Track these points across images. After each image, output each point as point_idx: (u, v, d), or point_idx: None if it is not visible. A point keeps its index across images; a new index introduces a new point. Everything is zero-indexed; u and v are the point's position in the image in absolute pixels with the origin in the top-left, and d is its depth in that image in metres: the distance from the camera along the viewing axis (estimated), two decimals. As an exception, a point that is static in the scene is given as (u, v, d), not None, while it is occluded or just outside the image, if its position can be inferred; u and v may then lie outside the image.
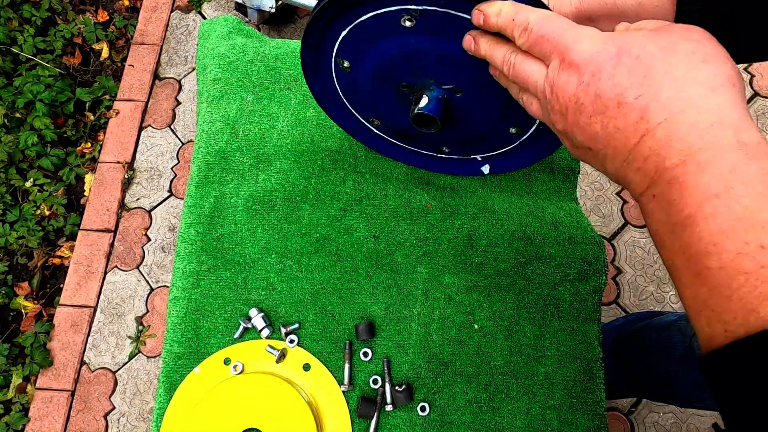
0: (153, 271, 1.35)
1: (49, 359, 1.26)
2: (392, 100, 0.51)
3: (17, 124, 1.45)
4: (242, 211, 0.65)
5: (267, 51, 0.74)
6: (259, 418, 0.55)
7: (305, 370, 0.59)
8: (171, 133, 1.48)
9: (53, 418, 1.22)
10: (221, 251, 0.64)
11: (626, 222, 1.36)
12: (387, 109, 0.53)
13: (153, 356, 1.28)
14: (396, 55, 0.45)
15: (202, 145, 0.69)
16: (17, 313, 1.33)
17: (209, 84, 0.73)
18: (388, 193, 0.65)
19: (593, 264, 0.64)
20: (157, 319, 1.32)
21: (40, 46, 1.51)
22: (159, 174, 1.44)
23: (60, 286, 1.34)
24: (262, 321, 0.60)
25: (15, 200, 1.41)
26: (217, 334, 0.61)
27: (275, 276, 0.63)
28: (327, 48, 0.48)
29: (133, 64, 1.54)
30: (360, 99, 0.54)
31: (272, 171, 0.67)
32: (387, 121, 0.56)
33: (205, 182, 0.67)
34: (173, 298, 0.63)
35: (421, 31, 0.42)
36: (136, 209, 1.41)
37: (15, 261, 1.35)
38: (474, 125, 0.51)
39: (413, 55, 0.44)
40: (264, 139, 0.69)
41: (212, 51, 0.74)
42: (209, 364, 0.59)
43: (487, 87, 0.44)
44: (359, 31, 0.45)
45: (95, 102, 1.50)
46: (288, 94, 0.72)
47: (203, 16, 1.61)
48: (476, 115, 0.49)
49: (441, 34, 0.41)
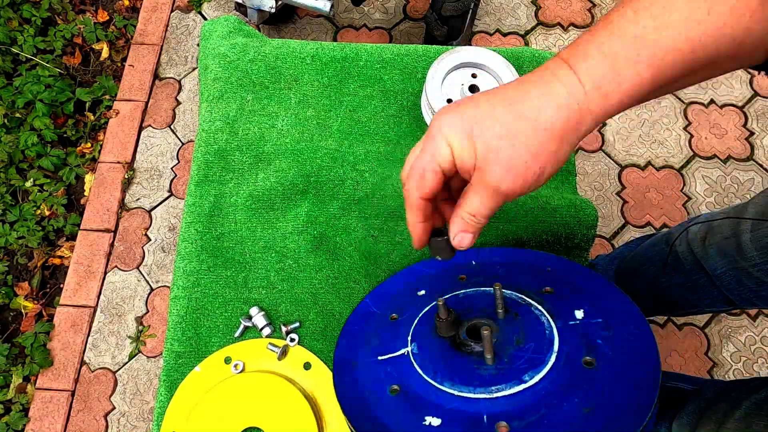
0: (153, 271, 1.35)
1: (49, 359, 1.26)
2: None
3: (17, 124, 1.45)
4: (242, 210, 0.65)
5: (267, 50, 0.74)
6: (259, 417, 0.55)
7: (306, 369, 0.59)
8: (171, 133, 1.48)
9: (53, 418, 1.22)
10: (221, 250, 0.64)
11: (626, 222, 1.37)
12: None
13: (153, 356, 1.28)
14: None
15: (201, 144, 0.69)
16: (17, 313, 1.33)
17: (210, 83, 0.73)
18: (386, 193, 0.65)
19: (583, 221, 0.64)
20: (157, 319, 1.32)
21: (40, 46, 1.51)
22: (159, 174, 1.44)
23: (60, 286, 1.34)
24: (263, 320, 0.60)
25: (15, 200, 1.41)
26: (218, 333, 0.61)
27: (275, 275, 0.63)
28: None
29: (133, 64, 1.54)
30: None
31: (272, 170, 0.67)
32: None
33: (205, 181, 0.67)
34: (174, 297, 0.63)
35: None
36: (136, 209, 1.41)
37: (15, 261, 1.35)
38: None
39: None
40: (264, 138, 0.69)
41: (213, 51, 0.75)
42: (210, 363, 0.59)
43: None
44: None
45: (95, 102, 1.50)
46: (288, 94, 0.72)
47: (203, 16, 1.61)
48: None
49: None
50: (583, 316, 0.43)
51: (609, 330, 0.41)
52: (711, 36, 0.29)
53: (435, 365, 0.44)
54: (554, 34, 1.55)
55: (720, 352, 1.25)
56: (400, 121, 0.71)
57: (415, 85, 0.73)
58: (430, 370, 0.43)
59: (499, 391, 0.39)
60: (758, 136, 1.43)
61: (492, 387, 0.39)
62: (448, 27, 1.38)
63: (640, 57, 0.30)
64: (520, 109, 0.33)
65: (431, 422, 0.40)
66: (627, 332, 0.41)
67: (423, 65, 0.74)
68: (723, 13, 0.28)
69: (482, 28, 1.56)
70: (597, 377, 0.38)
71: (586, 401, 0.37)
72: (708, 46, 0.29)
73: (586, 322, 0.42)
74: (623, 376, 0.38)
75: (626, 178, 1.41)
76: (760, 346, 1.26)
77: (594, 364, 0.39)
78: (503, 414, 0.38)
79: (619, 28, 0.31)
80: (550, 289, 0.48)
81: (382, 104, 0.72)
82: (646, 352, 0.39)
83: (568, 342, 0.41)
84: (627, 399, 0.37)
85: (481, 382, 0.40)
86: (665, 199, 1.38)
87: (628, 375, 0.38)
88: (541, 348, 0.41)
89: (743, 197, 1.38)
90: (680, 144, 1.43)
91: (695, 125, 1.45)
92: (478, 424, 0.38)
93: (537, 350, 0.41)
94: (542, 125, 0.32)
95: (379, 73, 0.73)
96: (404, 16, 1.59)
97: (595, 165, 1.42)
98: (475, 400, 0.40)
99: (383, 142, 0.70)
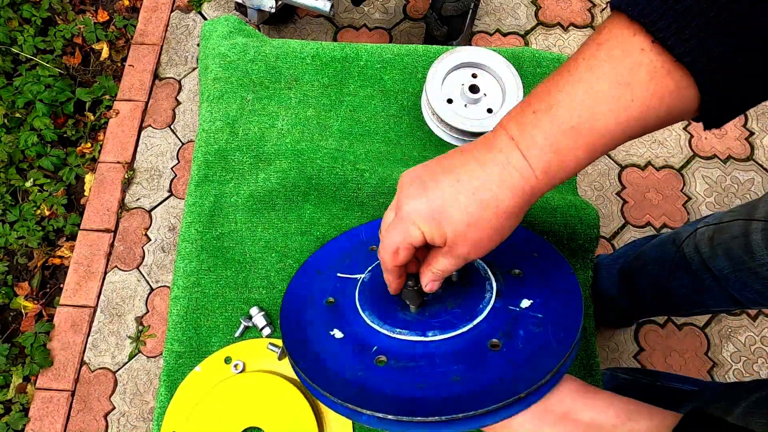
0: (153, 271, 1.35)
1: (49, 359, 1.26)
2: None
3: (17, 124, 1.45)
4: (242, 210, 0.65)
5: (268, 50, 0.74)
6: (260, 417, 0.55)
7: (306, 369, 0.59)
8: (171, 133, 1.48)
9: (53, 418, 1.22)
10: (222, 250, 0.64)
11: (626, 222, 1.37)
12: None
13: (153, 356, 1.28)
14: None
15: (202, 144, 0.69)
16: (17, 313, 1.33)
17: (210, 83, 0.73)
18: (387, 193, 0.65)
19: (585, 220, 0.64)
20: (157, 319, 1.31)
21: (40, 46, 1.51)
22: (159, 174, 1.44)
23: (60, 286, 1.34)
24: (263, 320, 0.60)
25: (15, 200, 1.41)
26: (218, 333, 0.61)
27: (276, 275, 0.63)
28: None
29: (133, 64, 1.54)
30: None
31: (272, 170, 0.67)
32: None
33: (205, 181, 0.67)
34: (174, 297, 0.63)
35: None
36: (136, 209, 1.41)
37: (15, 261, 1.35)
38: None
39: None
40: (264, 138, 0.69)
41: (213, 51, 0.75)
42: (210, 362, 0.59)
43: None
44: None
45: (95, 102, 1.50)
46: (288, 94, 0.72)
47: (203, 16, 1.61)
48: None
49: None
50: (527, 307, 0.45)
51: (540, 327, 0.43)
52: (638, 118, 0.33)
53: (372, 296, 0.50)
54: (554, 34, 1.55)
55: (720, 352, 1.25)
56: (400, 121, 0.71)
57: (416, 85, 0.73)
58: (365, 300, 0.50)
59: (399, 334, 0.45)
60: (758, 136, 1.43)
61: (396, 329, 0.45)
62: (448, 27, 1.38)
63: (578, 144, 0.35)
64: (481, 198, 0.37)
65: (335, 334, 0.48)
66: (554, 337, 0.41)
67: (423, 65, 0.74)
68: (645, 98, 0.32)
69: (482, 28, 1.56)
70: (490, 359, 0.41)
71: (462, 372, 0.40)
72: (635, 126, 0.33)
73: (524, 313, 0.45)
74: (516, 366, 0.40)
75: (626, 178, 1.41)
76: (760, 346, 1.26)
77: (499, 348, 0.42)
78: (388, 350, 0.44)
79: (558, 118, 0.34)
80: (519, 272, 0.49)
81: (382, 104, 0.72)
82: (548, 360, 0.40)
83: (491, 322, 0.44)
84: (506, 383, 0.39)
85: (392, 323, 0.46)
86: (665, 199, 1.38)
87: (523, 368, 0.40)
88: (462, 317, 0.45)
89: (743, 197, 1.38)
90: (680, 144, 1.43)
91: (695, 125, 1.45)
92: (367, 349, 0.45)
93: (456, 317, 0.45)
94: (502, 210, 0.37)
95: (380, 73, 0.73)
96: (404, 16, 1.59)
97: (595, 165, 1.42)
98: (376, 332, 0.46)
99: (384, 142, 0.70)
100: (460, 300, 0.47)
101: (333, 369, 0.44)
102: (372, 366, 0.43)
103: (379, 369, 0.43)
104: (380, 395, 0.40)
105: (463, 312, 0.46)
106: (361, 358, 0.44)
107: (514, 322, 0.44)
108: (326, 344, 0.47)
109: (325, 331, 0.49)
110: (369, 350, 0.45)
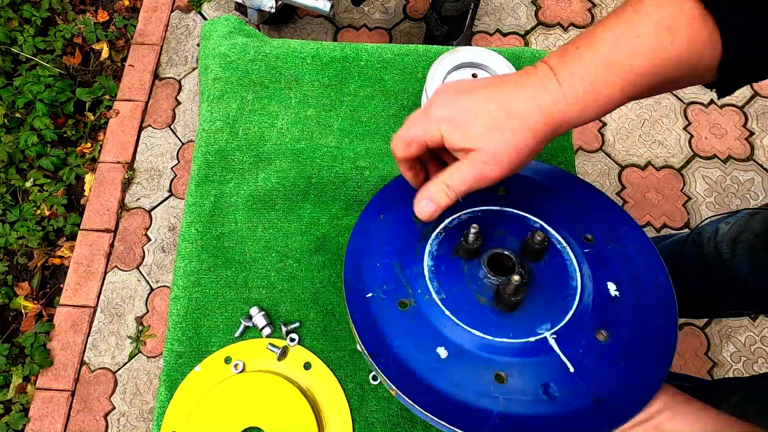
0: (153, 271, 1.35)
1: (49, 359, 1.26)
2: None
3: (17, 124, 1.45)
4: (242, 210, 0.65)
5: (268, 50, 0.74)
6: (260, 417, 0.55)
7: (306, 369, 0.59)
8: (171, 133, 1.48)
9: (53, 418, 1.22)
10: (222, 250, 0.64)
11: (626, 222, 1.37)
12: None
13: (153, 356, 1.28)
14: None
15: (202, 144, 0.69)
16: (17, 313, 1.33)
17: (210, 83, 0.73)
18: (388, 192, 0.65)
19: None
20: (157, 319, 1.31)
21: (40, 46, 1.51)
22: (159, 174, 1.44)
23: (60, 286, 1.34)
24: (263, 320, 0.60)
25: (15, 200, 1.41)
26: (218, 333, 0.61)
27: (276, 275, 0.63)
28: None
29: (133, 64, 1.54)
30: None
31: (272, 170, 0.67)
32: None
33: (205, 181, 0.67)
34: (174, 296, 0.63)
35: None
36: (136, 209, 1.41)
37: (15, 261, 1.35)
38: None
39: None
40: (264, 137, 0.69)
41: (213, 51, 0.75)
42: (210, 362, 0.59)
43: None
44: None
45: (95, 102, 1.50)
46: (288, 93, 0.72)
47: (203, 17, 1.61)
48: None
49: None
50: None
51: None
52: (672, 61, 0.36)
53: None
54: (554, 34, 1.55)
55: (720, 352, 1.25)
56: (400, 121, 0.71)
57: (416, 85, 0.73)
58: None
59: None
60: (758, 136, 1.43)
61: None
62: (448, 27, 1.38)
63: (614, 80, 0.37)
64: (509, 108, 0.38)
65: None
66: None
67: (423, 65, 0.74)
68: (682, 42, 0.35)
69: (482, 28, 1.56)
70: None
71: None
72: (668, 70, 0.36)
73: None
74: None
75: (626, 178, 1.41)
76: (760, 346, 1.26)
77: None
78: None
79: (600, 53, 0.37)
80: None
81: (382, 104, 0.72)
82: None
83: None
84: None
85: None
86: (665, 199, 1.38)
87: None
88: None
89: (743, 197, 1.38)
90: (680, 144, 1.43)
91: (695, 125, 1.45)
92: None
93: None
94: (528, 126, 0.38)
95: (380, 73, 0.73)
96: (404, 16, 1.59)
97: (595, 165, 1.42)
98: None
99: (384, 141, 0.70)
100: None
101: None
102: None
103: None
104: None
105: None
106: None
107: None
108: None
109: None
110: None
